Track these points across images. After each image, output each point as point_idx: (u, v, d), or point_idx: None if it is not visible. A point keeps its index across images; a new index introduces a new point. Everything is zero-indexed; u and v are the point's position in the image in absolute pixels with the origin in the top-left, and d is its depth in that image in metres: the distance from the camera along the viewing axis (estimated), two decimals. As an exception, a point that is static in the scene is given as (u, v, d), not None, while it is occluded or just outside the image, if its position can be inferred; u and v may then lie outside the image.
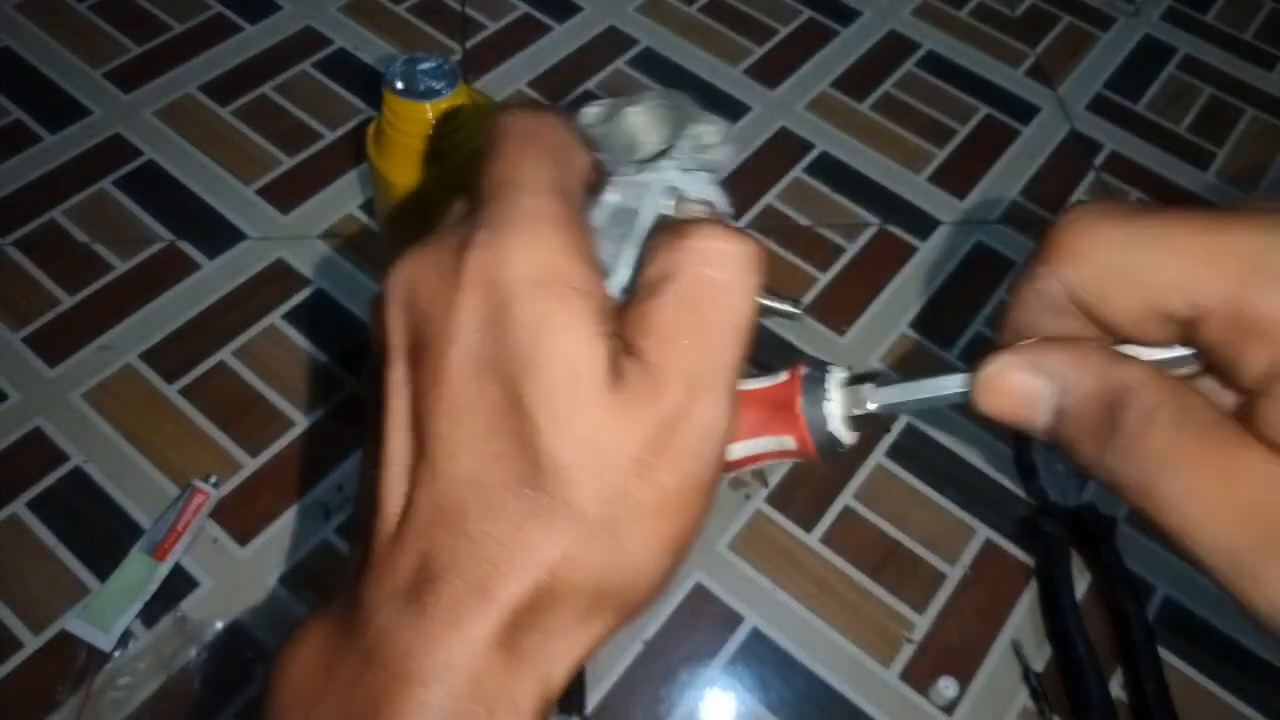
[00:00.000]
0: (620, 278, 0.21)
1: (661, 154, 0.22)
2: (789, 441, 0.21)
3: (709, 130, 0.22)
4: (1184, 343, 0.18)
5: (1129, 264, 0.17)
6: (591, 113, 0.22)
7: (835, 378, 0.21)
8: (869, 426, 0.21)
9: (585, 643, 0.19)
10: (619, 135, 0.22)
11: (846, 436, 0.21)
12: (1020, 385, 0.18)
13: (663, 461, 0.18)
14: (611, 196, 0.22)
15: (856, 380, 0.21)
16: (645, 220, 0.21)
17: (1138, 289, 0.17)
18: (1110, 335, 0.18)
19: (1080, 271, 0.18)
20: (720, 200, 0.23)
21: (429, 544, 0.18)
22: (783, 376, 0.21)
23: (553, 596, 0.18)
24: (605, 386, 0.17)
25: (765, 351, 0.63)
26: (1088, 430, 0.18)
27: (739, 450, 0.21)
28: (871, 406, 0.21)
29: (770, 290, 0.21)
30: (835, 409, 0.21)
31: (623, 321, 0.19)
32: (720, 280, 0.19)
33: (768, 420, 0.21)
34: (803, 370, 0.21)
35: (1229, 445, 0.16)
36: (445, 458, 0.18)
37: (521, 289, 0.17)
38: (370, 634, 0.18)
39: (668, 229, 0.20)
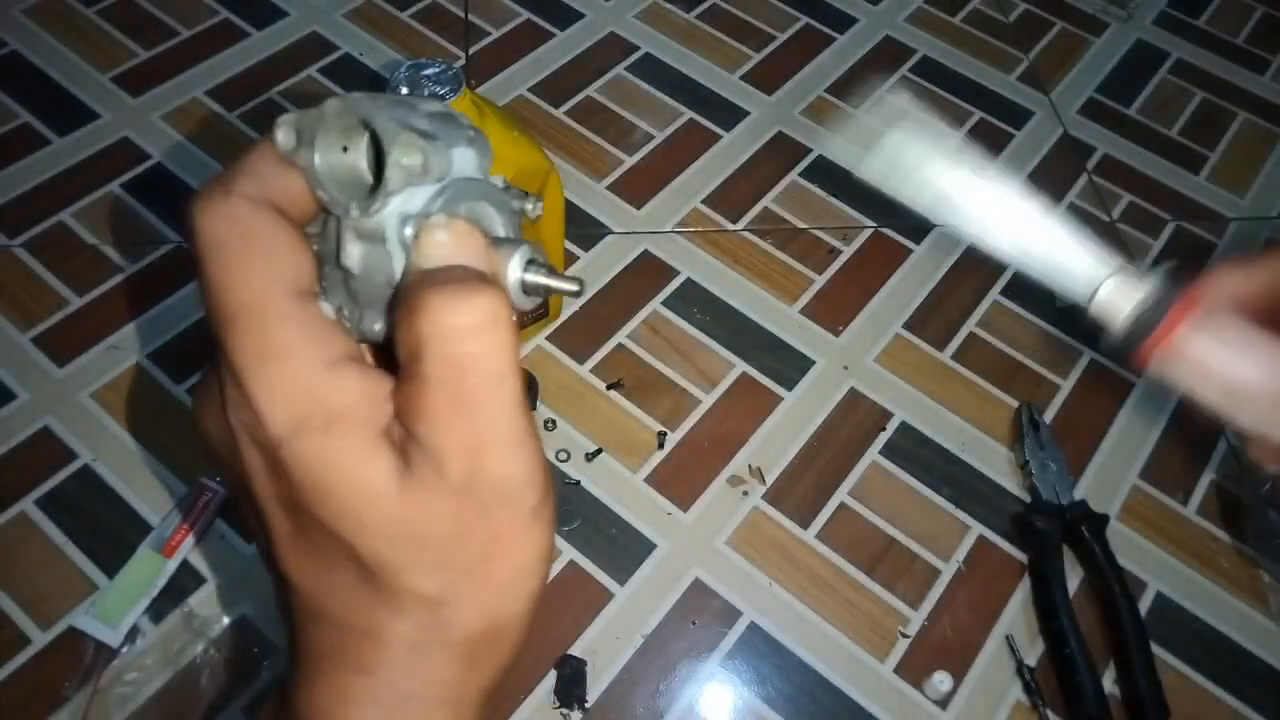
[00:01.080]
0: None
1: (378, 187, 0.20)
2: None
3: (409, 155, 0.19)
4: None
5: None
6: (284, 141, 0.20)
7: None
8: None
9: (474, 691, 0.21)
10: (328, 165, 0.20)
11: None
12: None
13: (472, 523, 0.19)
14: (354, 246, 0.20)
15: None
16: (398, 267, 0.20)
17: None
18: None
19: None
20: (472, 163, 0.21)
21: (308, 637, 0.21)
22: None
23: (423, 663, 0.20)
24: (395, 485, 0.19)
25: (776, 357, 0.64)
26: None
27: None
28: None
29: (548, 271, 0.21)
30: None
31: (397, 403, 0.19)
32: (463, 354, 0.18)
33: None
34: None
35: None
36: (292, 572, 0.20)
37: (283, 445, 0.18)
38: (290, 710, 0.21)
39: (403, 295, 0.19)
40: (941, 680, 0.51)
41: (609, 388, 0.61)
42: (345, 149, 0.21)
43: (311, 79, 0.75)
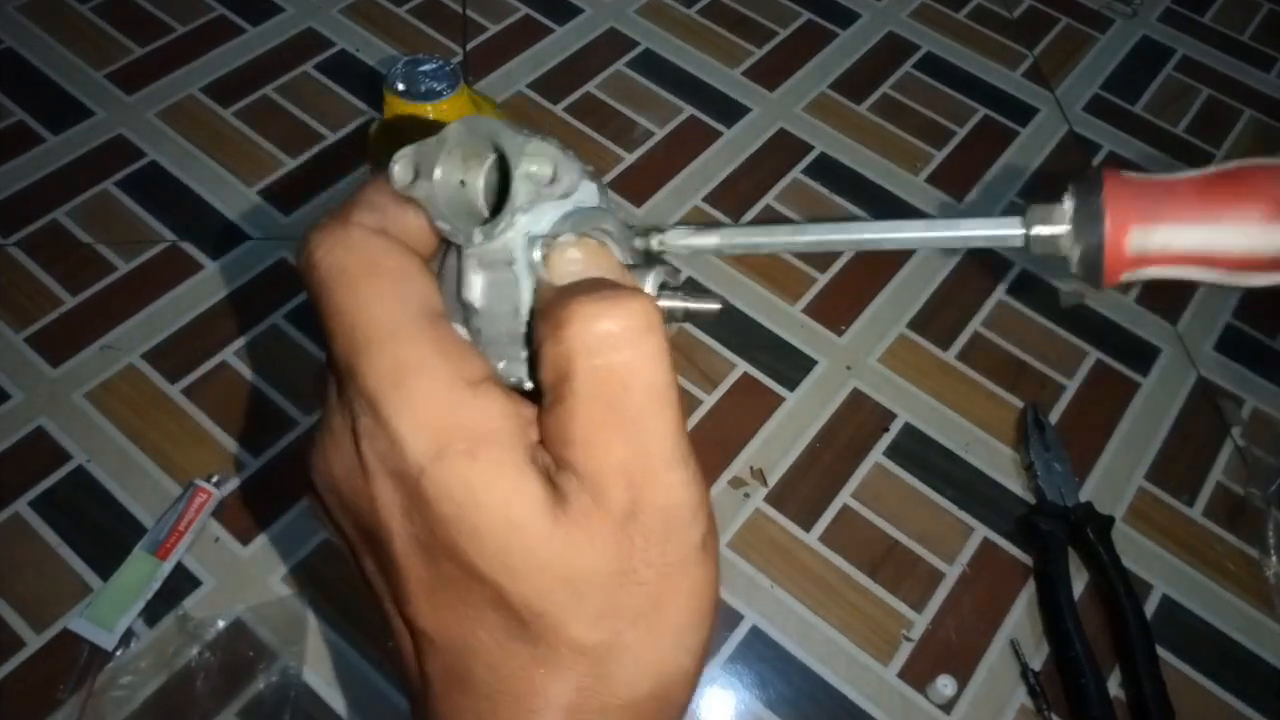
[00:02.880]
0: (525, 356, 0.19)
1: (502, 206, 0.19)
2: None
3: (538, 163, 0.18)
4: None
5: None
6: (402, 176, 0.19)
7: None
8: None
9: None
10: (446, 197, 0.19)
11: None
12: None
13: (637, 560, 0.17)
14: (476, 276, 0.19)
15: None
16: (525, 294, 0.19)
17: None
18: None
19: None
20: (593, 196, 0.20)
21: (448, 708, 0.18)
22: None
23: None
24: (549, 518, 0.17)
25: (777, 357, 0.63)
26: None
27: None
28: None
29: (687, 293, 0.20)
30: None
31: (544, 430, 0.18)
32: (618, 364, 0.17)
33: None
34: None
35: None
36: (434, 632, 0.18)
37: (424, 473, 0.17)
38: None
39: (543, 313, 0.18)
40: (945, 684, 0.51)
41: (609, 388, 0.60)
42: (463, 181, 0.19)
43: (307, 75, 0.74)
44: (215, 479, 0.54)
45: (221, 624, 0.50)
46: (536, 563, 0.17)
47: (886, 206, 0.71)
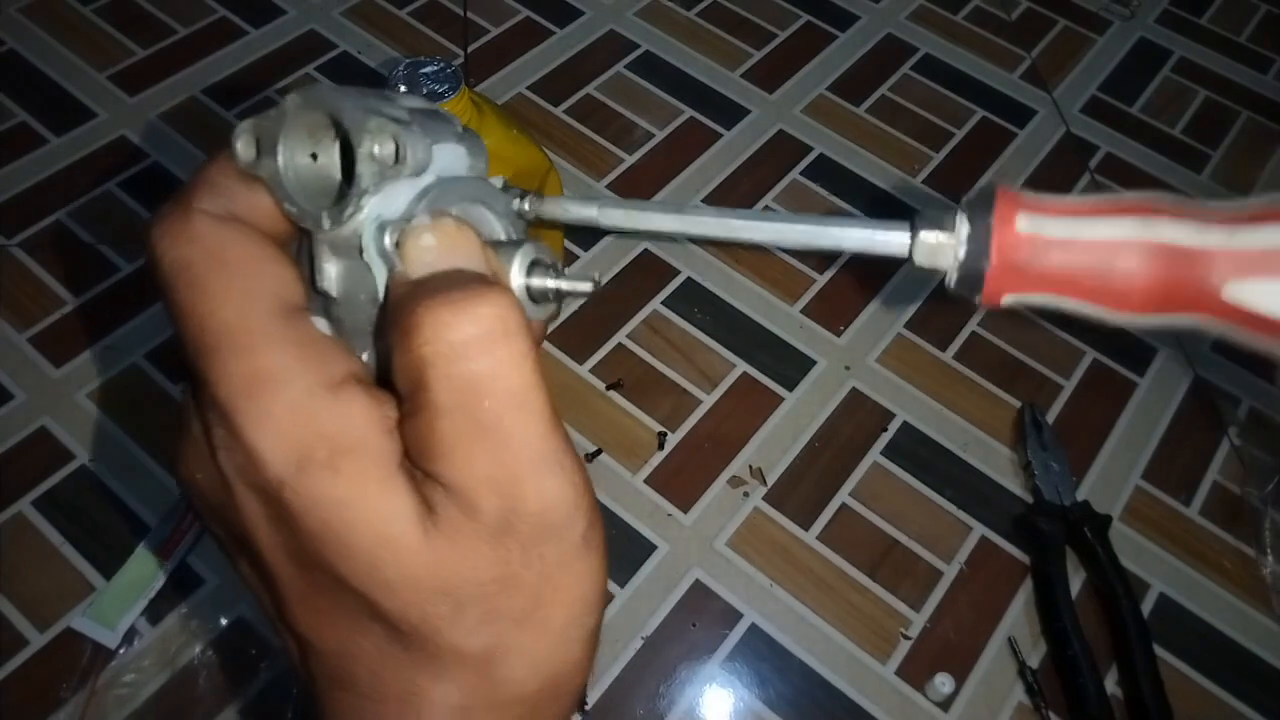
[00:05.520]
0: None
1: (349, 189, 0.17)
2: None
3: (380, 142, 0.17)
4: None
5: None
6: (244, 153, 0.18)
7: None
8: None
9: None
10: (295, 174, 0.18)
11: None
12: None
13: (515, 565, 0.17)
14: (330, 264, 0.18)
15: None
16: (380, 283, 0.18)
17: None
18: None
19: None
20: (461, 162, 0.19)
21: (334, 704, 0.18)
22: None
23: None
24: (419, 530, 0.16)
25: (776, 357, 0.63)
26: None
27: None
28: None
29: (555, 272, 0.18)
30: None
31: (405, 439, 0.17)
32: (473, 373, 0.16)
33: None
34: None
35: None
36: (312, 638, 0.18)
37: (285, 487, 0.16)
38: None
39: (392, 316, 0.17)
40: (943, 682, 0.51)
41: (609, 388, 0.61)
42: (314, 155, 0.18)
43: (310, 77, 0.75)
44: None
45: (224, 623, 0.50)
46: (410, 577, 0.16)
47: (884, 207, 0.71)
